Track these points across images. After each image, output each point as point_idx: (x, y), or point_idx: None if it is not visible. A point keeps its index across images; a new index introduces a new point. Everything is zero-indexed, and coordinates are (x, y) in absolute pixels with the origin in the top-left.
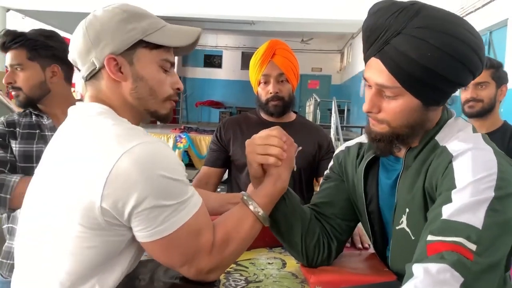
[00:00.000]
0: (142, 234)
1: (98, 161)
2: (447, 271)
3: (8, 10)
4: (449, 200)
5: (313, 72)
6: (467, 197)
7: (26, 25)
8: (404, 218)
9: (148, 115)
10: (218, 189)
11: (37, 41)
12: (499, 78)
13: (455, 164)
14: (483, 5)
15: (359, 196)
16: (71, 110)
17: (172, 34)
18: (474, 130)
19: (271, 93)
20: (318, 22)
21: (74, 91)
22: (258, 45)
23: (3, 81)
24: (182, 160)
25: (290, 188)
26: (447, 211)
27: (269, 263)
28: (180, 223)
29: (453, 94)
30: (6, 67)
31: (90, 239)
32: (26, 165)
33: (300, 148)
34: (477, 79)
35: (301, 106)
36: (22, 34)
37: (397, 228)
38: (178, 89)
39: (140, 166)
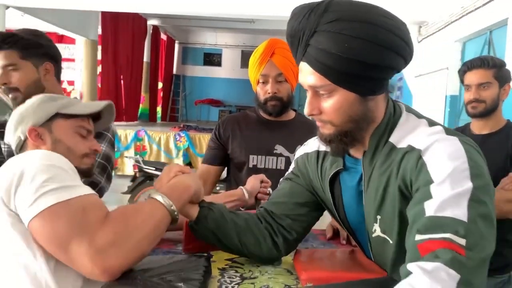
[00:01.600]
0: (25, 214)
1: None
2: (441, 270)
3: (7, 7)
4: (429, 195)
5: None
6: (447, 190)
7: (25, 23)
8: (376, 226)
9: None
10: (217, 187)
11: (28, 40)
12: (502, 78)
13: (426, 158)
14: (483, 4)
15: (330, 207)
16: None
17: (82, 106)
18: (431, 124)
19: (269, 93)
20: None
21: (73, 89)
22: (258, 43)
23: None
24: (183, 160)
25: (213, 202)
26: (430, 207)
27: None
28: (62, 199)
29: (389, 81)
30: None
31: (15, 236)
32: None
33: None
34: (480, 79)
35: (301, 104)
36: (12, 34)
37: (373, 236)
38: (96, 150)
39: (26, 159)
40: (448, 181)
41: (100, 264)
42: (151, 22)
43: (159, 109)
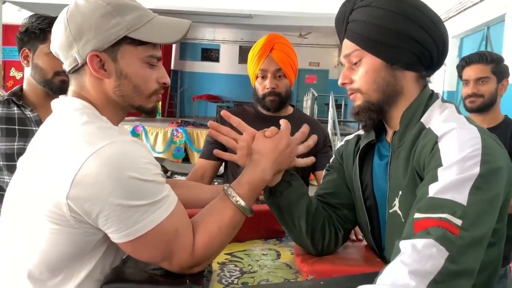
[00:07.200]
0: (115, 236)
1: (67, 159)
2: (432, 246)
3: (4, 2)
4: (435, 178)
5: (310, 66)
6: (452, 175)
7: (22, 18)
8: (396, 201)
9: (133, 110)
10: (215, 182)
11: None
12: (500, 73)
13: (441, 144)
14: (481, 0)
15: (355, 183)
16: (54, 103)
17: (160, 29)
18: (458, 111)
19: (267, 88)
20: (316, 16)
21: None
22: (256, 39)
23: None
24: (178, 156)
25: (296, 174)
26: (433, 189)
27: (263, 254)
28: (154, 224)
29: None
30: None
31: (57, 235)
32: (9, 163)
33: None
34: (478, 74)
35: (299, 100)
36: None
37: (390, 211)
38: (164, 83)
39: (108, 168)
40: (455, 166)
41: (185, 273)
42: None
43: (158, 104)
